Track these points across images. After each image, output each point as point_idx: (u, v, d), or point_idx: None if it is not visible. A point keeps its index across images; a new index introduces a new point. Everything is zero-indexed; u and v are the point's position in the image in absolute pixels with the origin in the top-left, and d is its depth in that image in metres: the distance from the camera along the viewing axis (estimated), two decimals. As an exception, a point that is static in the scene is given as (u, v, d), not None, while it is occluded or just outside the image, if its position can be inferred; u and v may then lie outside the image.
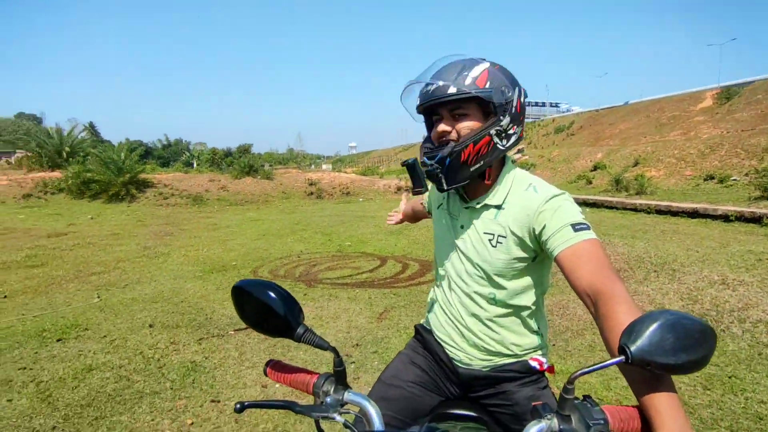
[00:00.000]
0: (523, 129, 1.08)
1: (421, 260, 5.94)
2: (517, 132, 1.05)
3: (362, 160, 59.80)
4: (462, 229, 1.13)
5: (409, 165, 1.12)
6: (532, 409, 0.65)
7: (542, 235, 0.97)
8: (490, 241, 1.06)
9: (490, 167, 1.06)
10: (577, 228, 0.92)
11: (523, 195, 1.04)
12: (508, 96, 1.00)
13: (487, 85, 0.98)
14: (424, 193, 1.15)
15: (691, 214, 8.03)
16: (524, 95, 1.07)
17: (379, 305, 4.18)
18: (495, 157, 1.03)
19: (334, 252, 6.71)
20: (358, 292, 4.58)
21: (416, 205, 1.65)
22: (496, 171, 1.10)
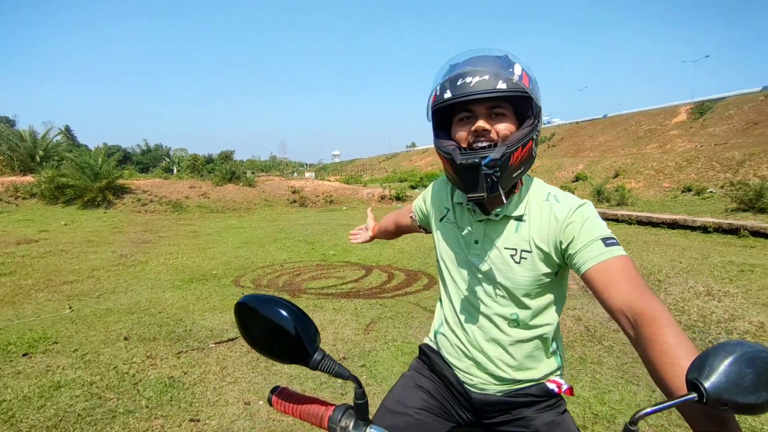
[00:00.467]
0: None
1: (407, 270, 5.87)
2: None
3: (346, 168, 59.73)
4: (477, 244, 1.02)
5: (472, 165, 0.89)
6: None
7: (569, 249, 0.91)
8: (512, 257, 0.97)
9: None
10: (608, 243, 0.87)
11: (544, 205, 0.98)
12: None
13: (530, 86, 0.90)
14: (482, 200, 0.94)
15: (671, 225, 8.18)
16: None
17: (366, 316, 4.07)
18: (531, 166, 0.96)
19: (318, 261, 6.57)
20: (344, 303, 4.46)
21: (401, 219, 1.45)
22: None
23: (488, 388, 1.04)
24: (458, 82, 0.88)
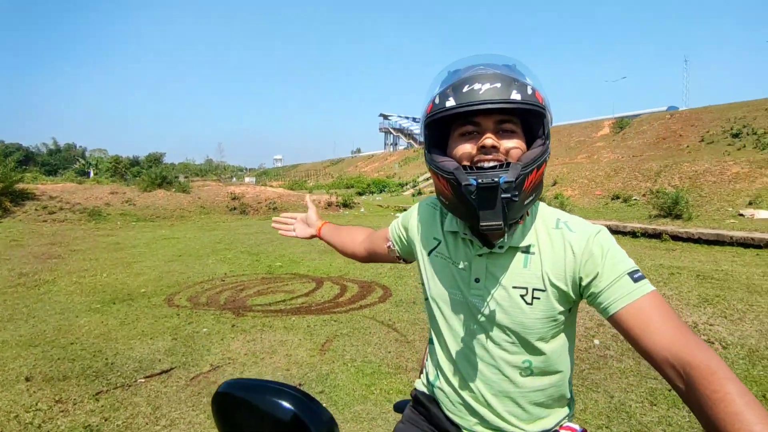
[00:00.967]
0: None
1: (360, 281, 5.57)
2: None
3: (289, 173, 58.26)
4: (478, 283, 0.87)
5: (490, 186, 0.73)
6: None
7: (592, 287, 0.79)
8: (523, 297, 0.84)
9: None
10: (636, 278, 0.77)
11: (555, 234, 0.85)
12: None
13: (543, 101, 0.78)
14: (500, 229, 0.76)
15: (606, 231, 8.70)
16: None
17: (320, 334, 3.72)
18: (540, 194, 0.84)
19: (263, 274, 6.09)
20: (295, 320, 4.08)
21: (375, 245, 1.20)
22: None
23: None
24: (464, 89, 0.76)
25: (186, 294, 5.05)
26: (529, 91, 0.76)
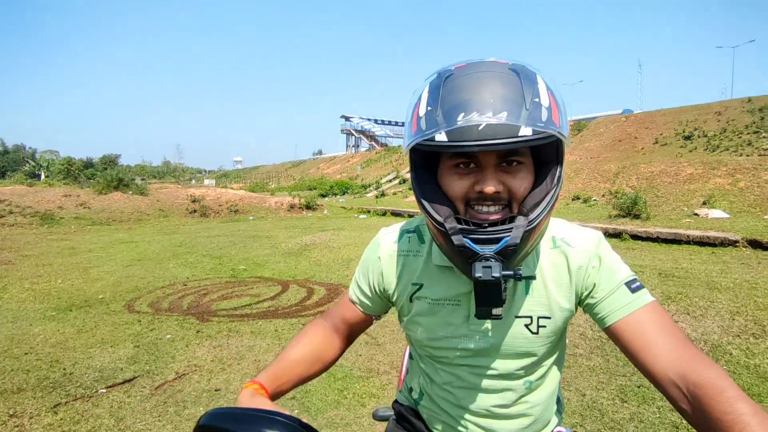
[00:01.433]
0: None
1: (327, 284, 5.57)
2: None
3: (249, 175, 57.06)
4: (477, 318, 0.78)
5: (492, 283, 0.63)
6: None
7: (589, 299, 0.75)
8: (527, 326, 0.77)
9: None
10: (634, 288, 0.72)
11: (555, 255, 0.77)
12: None
13: (560, 122, 0.63)
14: (498, 318, 0.69)
15: (567, 231, 9.01)
16: None
17: (289, 338, 3.70)
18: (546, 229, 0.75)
19: (227, 278, 5.97)
20: (262, 325, 4.04)
21: (344, 319, 0.93)
22: None
23: None
24: (458, 119, 0.59)
25: (147, 299, 4.89)
26: (544, 116, 0.60)
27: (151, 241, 9.80)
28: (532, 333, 0.77)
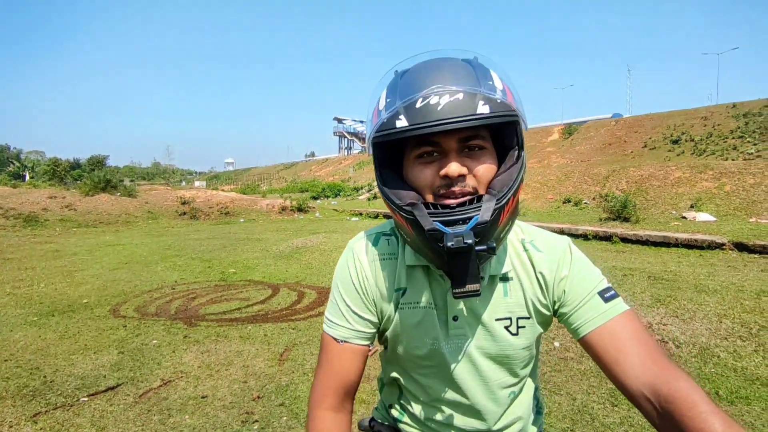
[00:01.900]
0: None
1: (318, 287, 5.52)
2: None
3: (241, 177, 56.71)
4: (456, 321, 0.77)
5: (463, 250, 0.61)
6: None
7: (562, 308, 0.74)
8: (507, 328, 0.76)
9: None
10: (607, 297, 0.71)
11: (524, 257, 0.77)
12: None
13: (515, 104, 0.65)
14: (478, 294, 0.66)
15: (559, 234, 9.02)
16: None
17: (278, 343, 3.65)
18: (516, 217, 0.73)
19: (216, 281, 5.89)
20: (251, 329, 3.98)
21: (343, 377, 0.79)
22: None
23: None
24: (417, 104, 0.61)
25: (133, 304, 4.80)
26: (499, 97, 0.63)
27: (138, 243, 9.66)
28: (512, 335, 0.76)
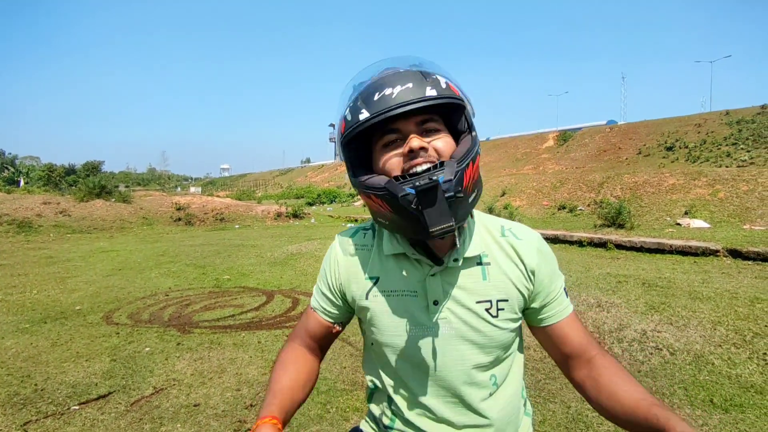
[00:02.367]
0: None
1: (312, 294, 5.50)
2: None
3: (236, 183, 56.66)
4: (437, 306, 0.80)
5: (429, 187, 0.67)
6: None
7: (535, 301, 0.83)
8: (488, 311, 0.80)
9: None
10: (566, 293, 0.86)
11: (504, 243, 0.84)
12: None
13: (461, 93, 0.76)
14: (453, 230, 0.69)
15: (553, 240, 9.01)
16: None
17: (272, 350, 3.63)
18: (482, 191, 0.81)
19: (210, 288, 5.85)
20: (245, 336, 3.95)
21: (309, 332, 0.95)
22: None
23: None
24: (375, 97, 0.71)
25: (126, 311, 4.76)
26: (443, 85, 0.72)
27: (133, 249, 9.60)
28: (493, 316, 0.80)
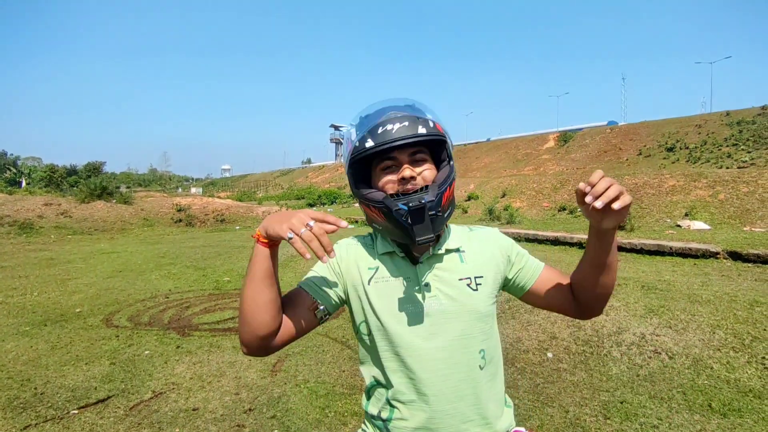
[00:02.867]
0: None
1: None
2: None
3: (237, 184, 56.65)
4: (428, 287, 0.97)
5: (419, 207, 0.89)
6: None
7: (511, 272, 1.04)
8: (468, 285, 0.98)
9: None
10: (531, 255, 1.09)
11: (473, 236, 1.07)
12: None
13: (443, 131, 0.97)
14: (433, 241, 0.91)
15: (554, 242, 8.98)
16: None
17: (272, 354, 3.63)
18: (455, 207, 1.02)
19: (210, 290, 5.87)
20: (245, 339, 3.96)
21: (290, 299, 0.96)
22: None
23: None
24: (379, 131, 0.91)
25: (126, 313, 4.78)
26: (431, 125, 0.94)
27: (133, 251, 9.63)
28: (473, 290, 0.98)
